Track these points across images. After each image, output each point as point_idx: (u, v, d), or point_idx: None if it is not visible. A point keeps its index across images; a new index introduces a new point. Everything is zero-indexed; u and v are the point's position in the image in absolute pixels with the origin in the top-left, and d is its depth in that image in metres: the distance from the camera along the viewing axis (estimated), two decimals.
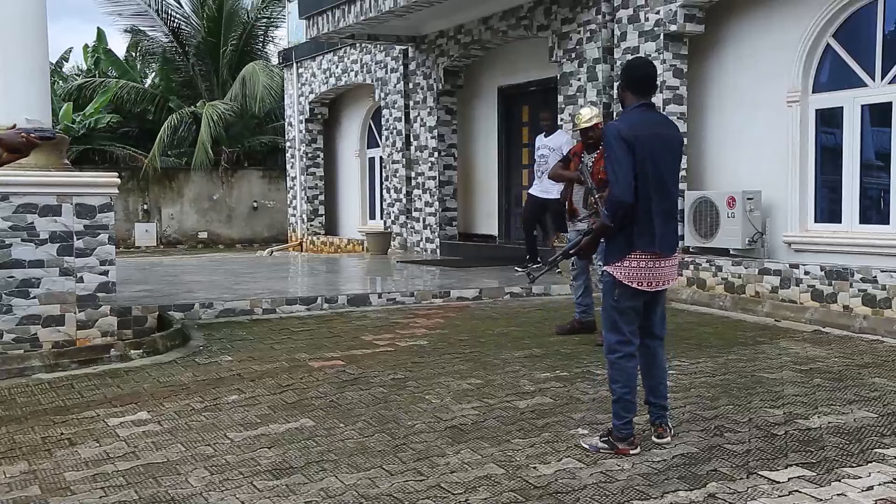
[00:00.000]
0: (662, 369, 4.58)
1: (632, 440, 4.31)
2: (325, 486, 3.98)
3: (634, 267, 4.31)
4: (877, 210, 8.92)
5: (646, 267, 4.31)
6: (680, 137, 4.59)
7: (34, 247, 6.87)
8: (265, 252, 19.56)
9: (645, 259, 4.31)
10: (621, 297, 4.35)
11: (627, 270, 4.31)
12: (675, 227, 4.45)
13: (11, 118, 7.11)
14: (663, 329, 4.61)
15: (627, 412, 4.33)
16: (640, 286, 4.32)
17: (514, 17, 12.53)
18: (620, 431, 4.31)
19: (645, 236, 4.29)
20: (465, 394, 5.54)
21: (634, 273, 4.31)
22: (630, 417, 4.33)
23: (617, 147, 4.25)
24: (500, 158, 14.51)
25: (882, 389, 5.51)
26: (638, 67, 4.57)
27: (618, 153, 4.24)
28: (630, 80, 4.48)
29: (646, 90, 4.46)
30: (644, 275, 4.32)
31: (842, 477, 3.95)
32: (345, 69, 17.74)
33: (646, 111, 4.43)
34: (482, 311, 9.00)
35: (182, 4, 27.07)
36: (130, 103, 26.02)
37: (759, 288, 8.86)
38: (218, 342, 7.41)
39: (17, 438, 4.84)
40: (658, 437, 4.44)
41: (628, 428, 4.32)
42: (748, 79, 9.95)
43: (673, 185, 4.41)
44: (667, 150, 4.37)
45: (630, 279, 4.32)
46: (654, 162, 4.27)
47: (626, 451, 4.28)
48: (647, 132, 4.31)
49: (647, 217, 4.28)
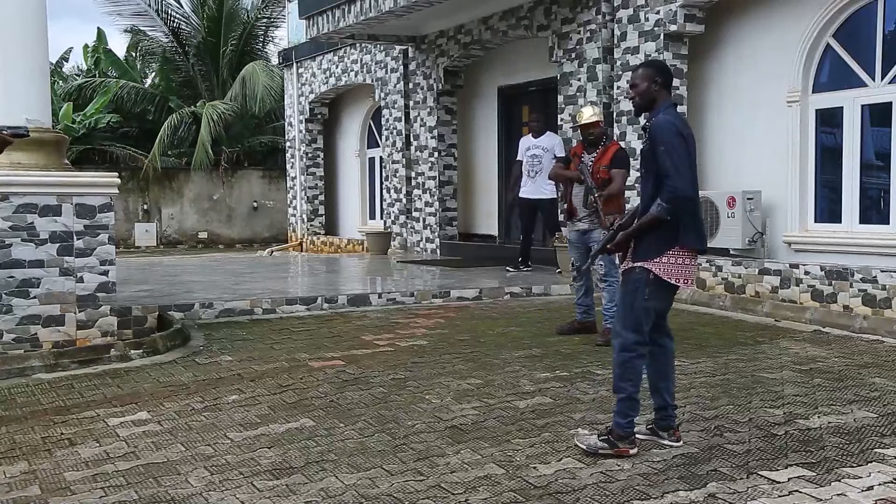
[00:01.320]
0: (673, 368, 4.62)
1: (632, 439, 4.30)
2: (325, 486, 3.98)
3: (674, 263, 4.28)
4: (877, 210, 8.92)
5: (684, 264, 4.30)
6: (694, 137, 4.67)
7: (34, 247, 6.87)
8: (265, 252, 19.56)
9: (685, 255, 4.30)
10: (653, 296, 4.32)
11: (667, 267, 4.28)
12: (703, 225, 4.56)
13: (11, 118, 7.15)
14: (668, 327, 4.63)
15: (633, 411, 4.32)
16: (678, 282, 4.31)
17: (514, 17, 12.53)
18: (624, 430, 4.28)
19: (690, 233, 4.28)
20: (465, 394, 5.54)
21: (673, 270, 4.28)
22: (634, 416, 4.32)
23: (677, 141, 4.27)
24: (500, 158, 14.51)
25: (882, 389, 5.51)
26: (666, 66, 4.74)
27: (679, 147, 4.26)
28: (665, 77, 4.51)
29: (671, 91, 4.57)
30: (682, 272, 4.30)
31: (842, 477, 3.95)
32: (345, 69, 17.74)
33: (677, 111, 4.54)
34: (482, 311, 9.00)
35: (182, 4, 27.07)
36: (130, 103, 26.01)
37: (759, 288, 8.86)
38: (218, 342, 7.41)
39: (17, 438, 4.84)
40: (676, 440, 4.42)
41: (631, 427, 4.31)
42: (748, 79, 9.95)
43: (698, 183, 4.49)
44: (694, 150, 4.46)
45: (669, 275, 4.28)
46: (693, 160, 4.36)
47: (626, 450, 4.25)
48: (689, 131, 4.42)
49: (693, 213, 4.32)
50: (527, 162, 11.28)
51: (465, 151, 15.19)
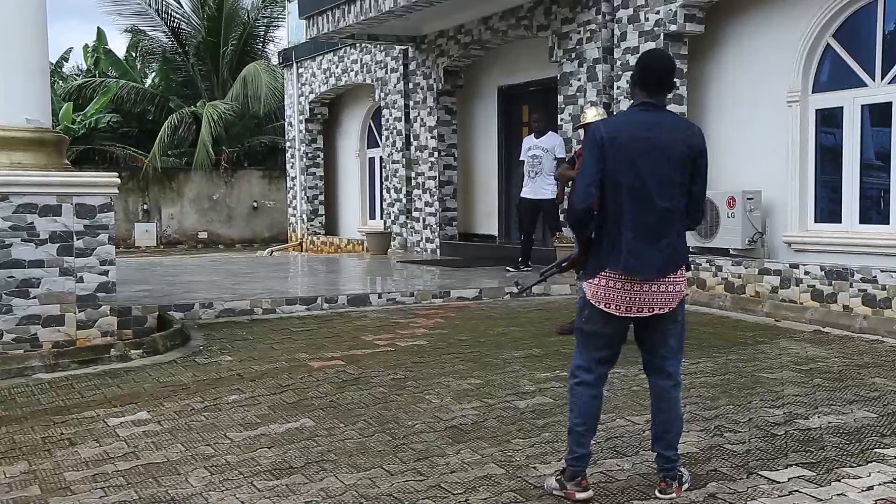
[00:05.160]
0: (674, 415, 3.89)
1: (580, 481, 3.76)
2: (325, 486, 3.98)
3: (604, 286, 3.76)
4: (877, 210, 8.92)
5: (616, 288, 3.74)
6: (691, 143, 3.80)
7: (34, 247, 6.86)
8: (265, 252, 19.56)
9: (613, 278, 3.74)
10: (590, 319, 3.84)
11: (597, 289, 3.78)
12: (666, 247, 3.74)
13: (11, 118, 7.15)
14: (675, 366, 3.90)
15: (578, 446, 3.80)
16: (608, 308, 3.76)
17: (514, 17, 12.53)
18: (570, 467, 3.79)
19: (613, 253, 3.73)
20: (465, 394, 5.54)
21: (603, 293, 3.76)
22: (581, 453, 3.79)
23: (588, 151, 3.80)
24: (500, 158, 14.51)
25: (882, 389, 5.51)
26: (648, 58, 3.97)
27: (586, 157, 3.79)
28: (637, 71, 3.89)
29: (653, 87, 3.82)
30: (614, 296, 3.74)
31: (842, 477, 3.95)
32: (345, 69, 17.74)
33: (643, 111, 3.82)
34: (482, 311, 8.99)
35: (182, 4, 27.08)
36: (130, 103, 26.02)
37: (759, 288, 8.86)
38: (218, 342, 7.41)
39: (17, 438, 4.84)
40: (660, 491, 3.79)
41: (577, 465, 3.78)
42: (748, 79, 9.95)
43: (664, 197, 3.72)
44: (660, 157, 3.72)
45: (598, 299, 3.78)
46: (633, 169, 3.70)
47: (573, 493, 3.73)
48: (630, 134, 3.74)
49: (615, 231, 3.73)
50: (527, 162, 11.28)
51: (465, 151, 15.19)
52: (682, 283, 3.83)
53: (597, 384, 3.87)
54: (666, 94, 3.89)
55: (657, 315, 3.78)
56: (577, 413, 3.84)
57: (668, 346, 3.87)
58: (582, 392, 3.85)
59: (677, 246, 3.80)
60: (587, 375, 3.85)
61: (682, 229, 3.86)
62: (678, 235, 3.82)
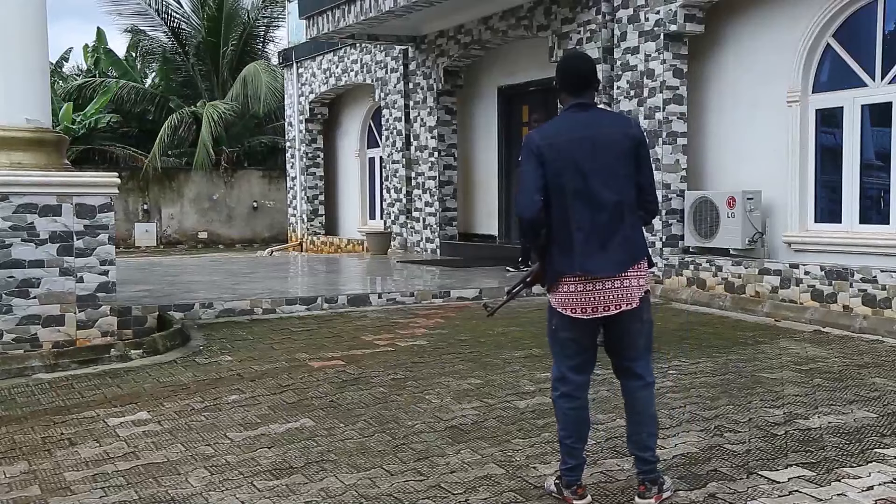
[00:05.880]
0: (647, 416, 3.82)
1: (576, 489, 3.75)
2: (325, 486, 3.98)
3: (565, 291, 3.72)
4: (877, 210, 8.92)
5: (577, 291, 3.70)
6: (630, 134, 3.78)
7: (34, 247, 6.87)
8: (265, 252, 19.56)
9: (575, 282, 3.70)
10: (560, 326, 3.79)
11: (559, 295, 3.75)
12: (622, 241, 3.70)
13: (11, 118, 7.15)
14: (644, 366, 3.84)
15: (570, 457, 3.77)
16: (574, 313, 3.71)
17: (514, 17, 12.53)
18: (564, 477, 3.79)
19: (566, 257, 3.70)
20: (465, 394, 5.54)
21: (565, 298, 3.73)
22: (573, 464, 3.77)
23: (525, 158, 3.75)
24: (500, 158, 14.51)
25: (882, 389, 5.51)
26: (566, 61, 3.92)
27: (525, 165, 3.75)
28: (559, 76, 3.84)
29: (579, 87, 3.80)
30: (578, 300, 3.70)
31: (842, 477, 3.95)
32: (345, 69, 17.74)
33: (576, 112, 3.79)
34: (482, 311, 8.97)
35: (182, 4, 27.09)
36: (130, 103, 26.03)
37: (759, 288, 8.86)
38: (218, 342, 7.41)
39: (17, 438, 4.84)
40: (639, 495, 3.74)
41: (571, 475, 3.77)
42: (748, 79, 9.95)
43: (613, 190, 3.68)
44: (603, 151, 3.69)
45: (563, 305, 3.74)
46: (578, 170, 3.66)
47: (570, 500, 3.74)
48: (566, 137, 3.72)
49: (565, 235, 3.69)
50: None
51: (465, 151, 15.19)
52: (645, 277, 3.78)
53: (577, 395, 3.81)
54: (593, 92, 3.86)
55: (624, 313, 3.72)
56: (562, 425, 3.82)
57: (636, 347, 3.82)
58: (562, 404, 3.81)
59: (633, 239, 3.76)
60: (564, 386, 3.81)
61: (636, 222, 3.80)
62: (633, 229, 3.77)
